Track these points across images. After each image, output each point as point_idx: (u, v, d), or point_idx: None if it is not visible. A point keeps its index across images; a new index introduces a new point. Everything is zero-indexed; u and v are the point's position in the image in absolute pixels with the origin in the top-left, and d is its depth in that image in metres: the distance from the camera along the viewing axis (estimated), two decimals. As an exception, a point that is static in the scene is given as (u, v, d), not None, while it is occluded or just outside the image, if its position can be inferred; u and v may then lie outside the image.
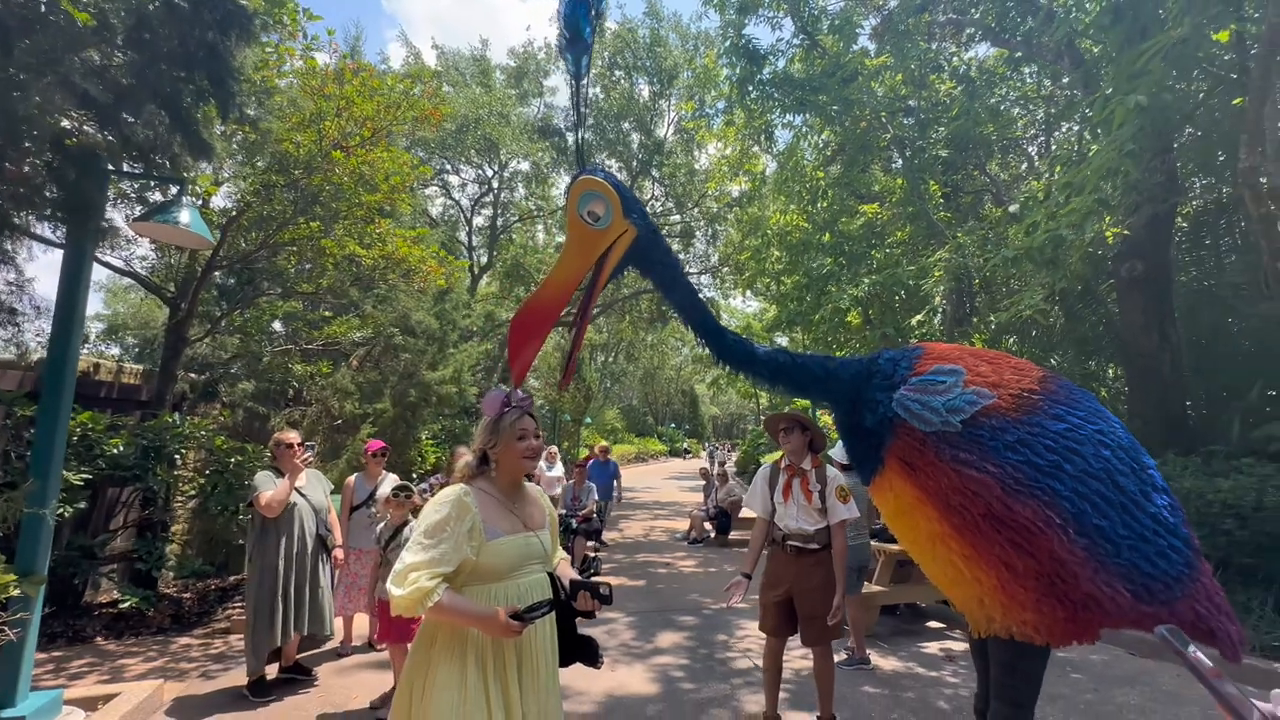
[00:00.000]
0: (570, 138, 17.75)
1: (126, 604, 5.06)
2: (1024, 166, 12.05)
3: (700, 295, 2.37)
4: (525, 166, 18.83)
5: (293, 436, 3.96)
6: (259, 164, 6.41)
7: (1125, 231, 6.00)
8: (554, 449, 10.10)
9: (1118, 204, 4.52)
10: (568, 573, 1.94)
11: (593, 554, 8.00)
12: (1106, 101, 4.20)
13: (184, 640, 4.99)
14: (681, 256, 20.62)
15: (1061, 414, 1.90)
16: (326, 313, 9.36)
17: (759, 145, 13.04)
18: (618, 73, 16.79)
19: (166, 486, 5.65)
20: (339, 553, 4.31)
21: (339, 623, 4.63)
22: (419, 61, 16.63)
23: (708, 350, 2.27)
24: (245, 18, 3.10)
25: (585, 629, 1.93)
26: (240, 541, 5.84)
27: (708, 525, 10.52)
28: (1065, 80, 9.60)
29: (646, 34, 16.56)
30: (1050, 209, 4.64)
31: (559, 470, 9.67)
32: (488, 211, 20.29)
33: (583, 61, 2.09)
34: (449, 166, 17.81)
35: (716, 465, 15.47)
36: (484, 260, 19.77)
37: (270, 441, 4.01)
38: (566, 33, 2.08)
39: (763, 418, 27.38)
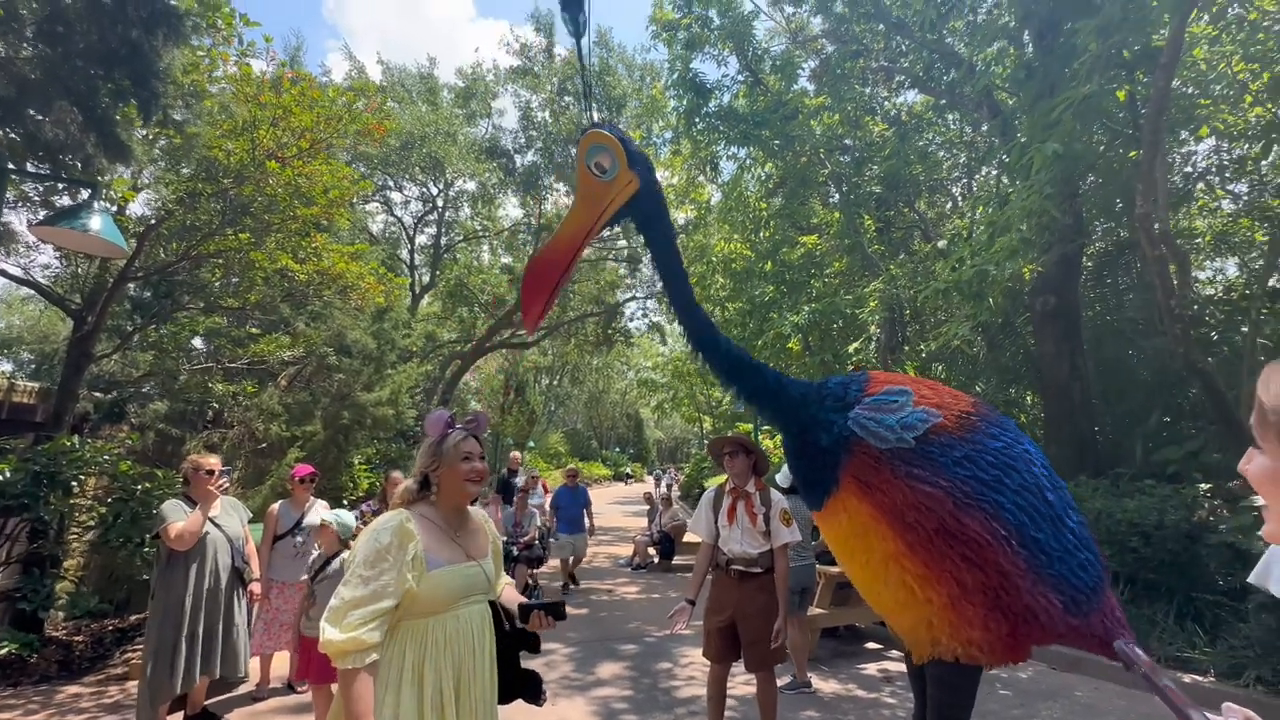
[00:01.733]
0: (518, 159, 17.72)
1: (4, 650, 4.52)
2: (949, 205, 12.88)
3: (661, 309, 2.39)
4: (471, 186, 18.62)
5: (210, 461, 3.68)
6: (185, 171, 6.06)
7: (1040, 269, 6.47)
8: (537, 474, 8.95)
9: (1035, 243, 4.87)
10: (515, 599, 1.86)
11: (534, 582, 7.77)
12: (1023, 149, 4.57)
13: (73, 689, 4.48)
14: (627, 280, 20.82)
15: (996, 434, 2.00)
16: (253, 329, 8.85)
17: (704, 175, 13.43)
18: (567, 98, 16.95)
19: (60, 516, 5.13)
20: (256, 586, 3.99)
21: (255, 663, 4.27)
22: (363, 76, 16.28)
23: (678, 323, 2.21)
24: (175, 17, 2.95)
25: (527, 662, 1.85)
26: (144, 577, 5.34)
27: (651, 550, 10.43)
28: (984, 128, 10.38)
29: (596, 62, 16.83)
30: (974, 246, 4.98)
31: (540, 498, 8.46)
32: (431, 230, 19.88)
33: (580, 20, 2.23)
34: (391, 183, 17.39)
35: (663, 489, 15.43)
36: (426, 279, 19.31)
37: (183, 466, 3.71)
38: None
39: (707, 442, 27.63)
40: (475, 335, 19.85)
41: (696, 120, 10.36)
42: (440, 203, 18.48)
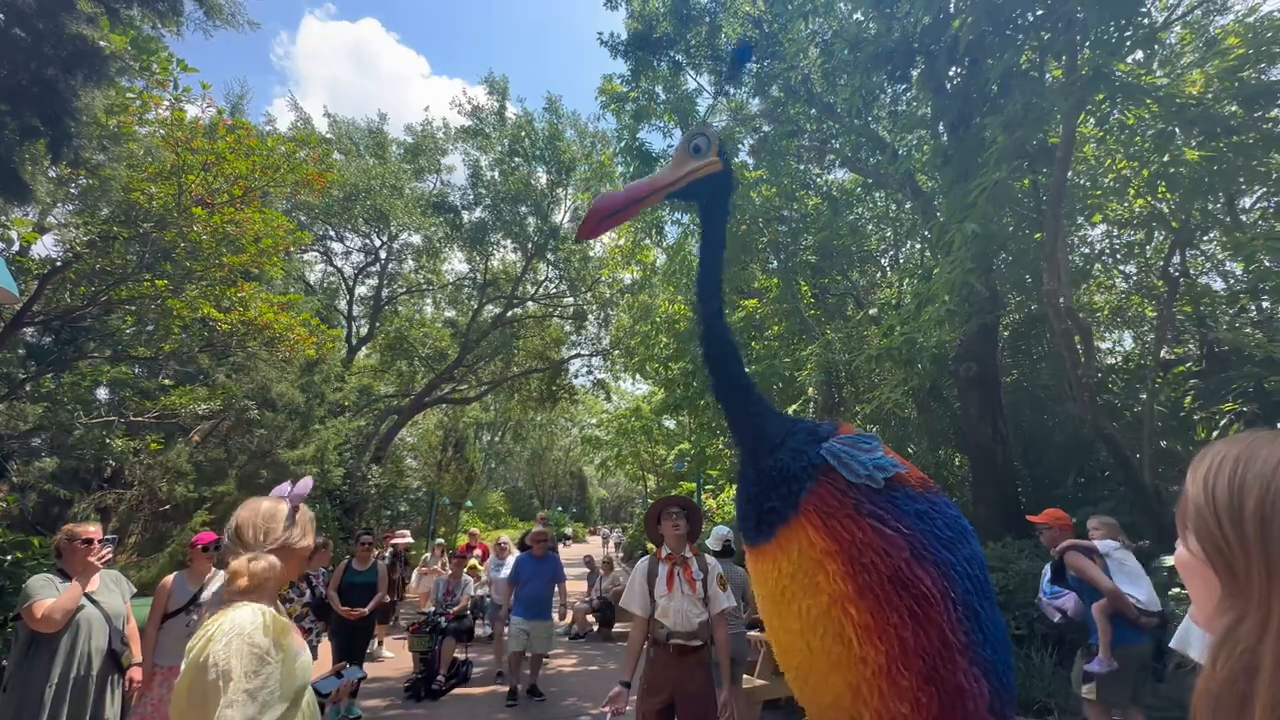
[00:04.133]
0: (466, 215, 17.79)
1: None
2: (879, 275, 13.66)
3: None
4: (416, 239, 18.47)
5: (87, 529, 3.28)
6: (104, 212, 5.73)
7: (960, 338, 6.86)
8: (506, 539, 7.50)
9: (958, 313, 5.18)
10: None
11: (463, 656, 7.23)
12: (944, 228, 4.94)
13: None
14: (573, 338, 20.83)
15: (948, 502, 2.05)
16: (167, 380, 8.26)
17: (650, 239, 13.82)
18: (516, 159, 17.30)
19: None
20: (136, 672, 3.52)
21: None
22: (308, 126, 16.14)
23: (698, 305, 2.46)
24: (98, 59, 2.83)
25: None
26: (3, 662, 4.65)
27: (590, 618, 9.99)
28: (908, 206, 11.21)
29: (545, 127, 17.36)
30: (903, 315, 5.27)
31: (500, 569, 7.08)
32: (372, 281, 19.45)
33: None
34: (333, 233, 17.05)
35: (611, 548, 14.99)
36: (365, 331, 18.72)
37: (57, 537, 3.30)
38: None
39: (649, 501, 27.21)
40: (414, 389, 19.22)
41: (642, 186, 10.72)
42: (383, 254, 18.19)
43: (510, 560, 6.65)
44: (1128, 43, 4.81)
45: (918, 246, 12.92)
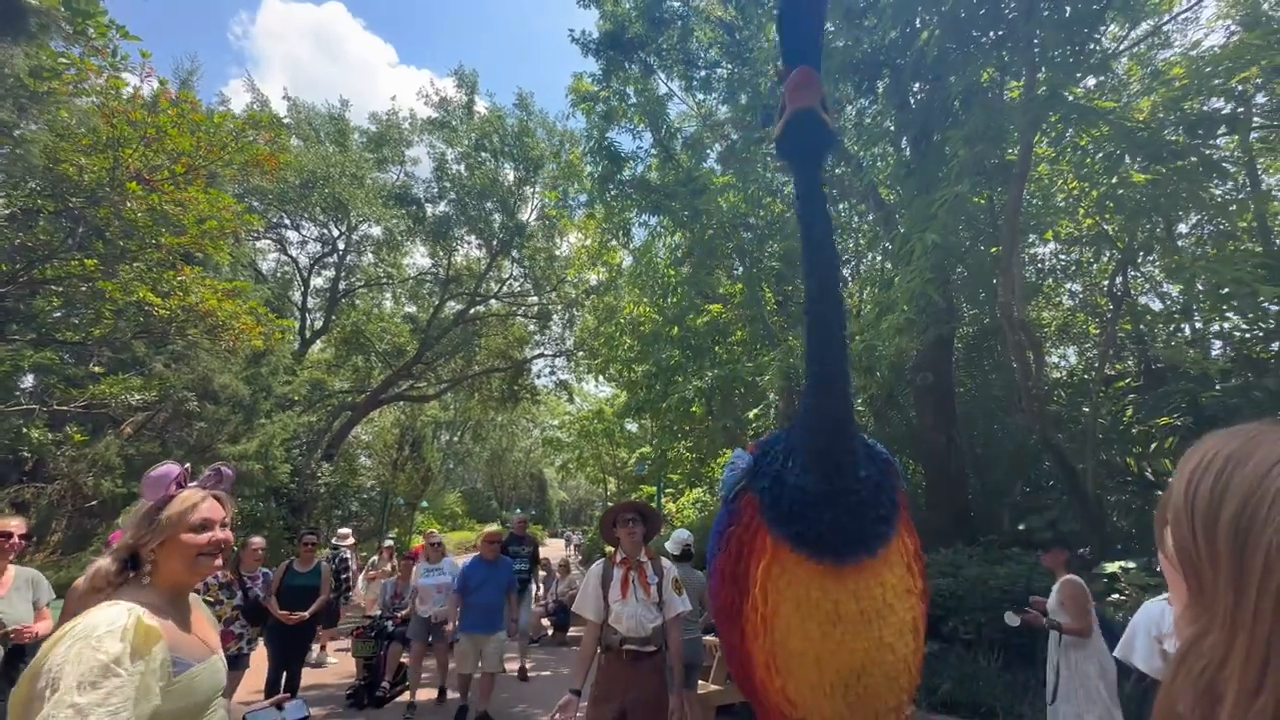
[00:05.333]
0: (430, 208, 17.41)
1: None
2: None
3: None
4: (377, 231, 17.96)
5: (9, 524, 3.02)
6: (31, 185, 5.33)
7: (918, 348, 7.00)
8: (439, 537, 6.31)
9: (917, 323, 5.28)
10: (236, 710, 1.58)
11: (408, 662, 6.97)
12: (905, 239, 5.02)
13: None
14: (537, 338, 20.58)
15: None
16: (97, 368, 7.75)
17: (617, 240, 13.75)
18: (484, 154, 17.01)
19: None
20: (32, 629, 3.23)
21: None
22: (265, 109, 15.53)
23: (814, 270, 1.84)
24: (16, 13, 2.59)
25: None
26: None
27: (545, 622, 9.81)
28: (870, 218, 11.45)
29: (515, 123, 17.13)
30: (863, 323, 5.34)
31: (448, 572, 5.84)
32: (329, 273, 18.82)
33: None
34: (288, 220, 16.41)
35: (571, 551, 14.85)
36: (319, 324, 18.10)
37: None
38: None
39: (609, 504, 27.09)
40: (370, 385, 18.66)
41: (610, 186, 10.66)
42: (341, 245, 17.63)
43: (446, 564, 5.85)
44: (1083, 66, 4.98)
45: (878, 258, 13.23)
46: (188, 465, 1.44)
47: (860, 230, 12.31)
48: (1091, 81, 7.09)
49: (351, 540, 7.71)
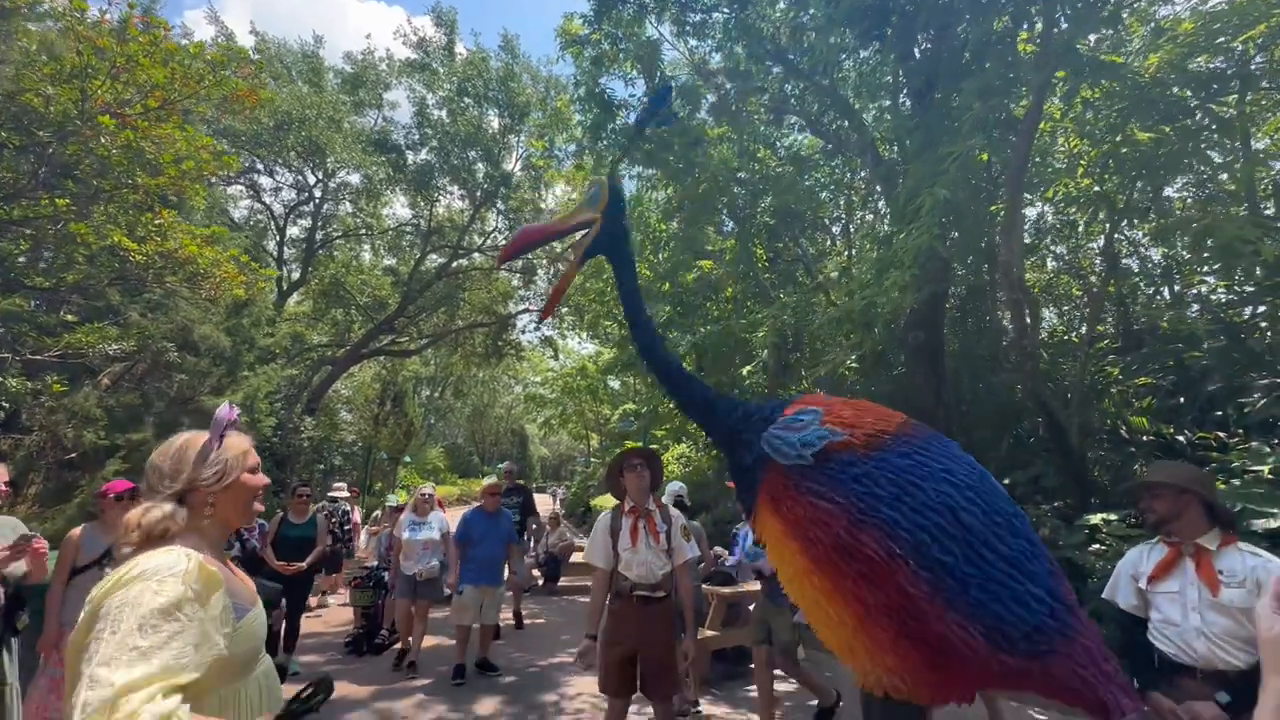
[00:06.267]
0: (410, 156, 16.73)
1: None
2: (828, 244, 13.83)
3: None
4: (355, 179, 17.29)
5: None
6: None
7: (913, 305, 7.02)
8: (429, 491, 5.94)
9: (921, 279, 5.27)
10: None
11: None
12: (911, 194, 4.95)
13: None
14: (522, 294, 20.28)
15: (908, 452, 2.00)
16: (70, 316, 7.43)
17: (624, 153, 13.38)
18: (466, 100, 16.31)
19: None
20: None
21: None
22: (231, 44, 14.63)
23: (635, 342, 2.62)
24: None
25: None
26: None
27: (536, 573, 9.99)
28: (863, 174, 11.31)
29: (499, 67, 16.40)
30: (863, 280, 5.32)
31: (436, 527, 5.64)
32: (305, 222, 18.16)
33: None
34: (261, 165, 15.69)
35: (557, 506, 15.07)
36: (296, 276, 17.55)
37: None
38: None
39: (593, 460, 27.35)
40: (350, 340, 18.30)
41: (602, 135, 10.33)
42: (318, 193, 16.96)
43: (434, 519, 5.68)
44: (1096, 18, 4.86)
45: (869, 217, 13.15)
46: (236, 409, 1.38)
47: (853, 187, 12.18)
48: (1093, 38, 6.97)
49: (347, 493, 7.69)
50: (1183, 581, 2.11)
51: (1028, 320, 5.59)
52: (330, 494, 7.45)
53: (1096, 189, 7.05)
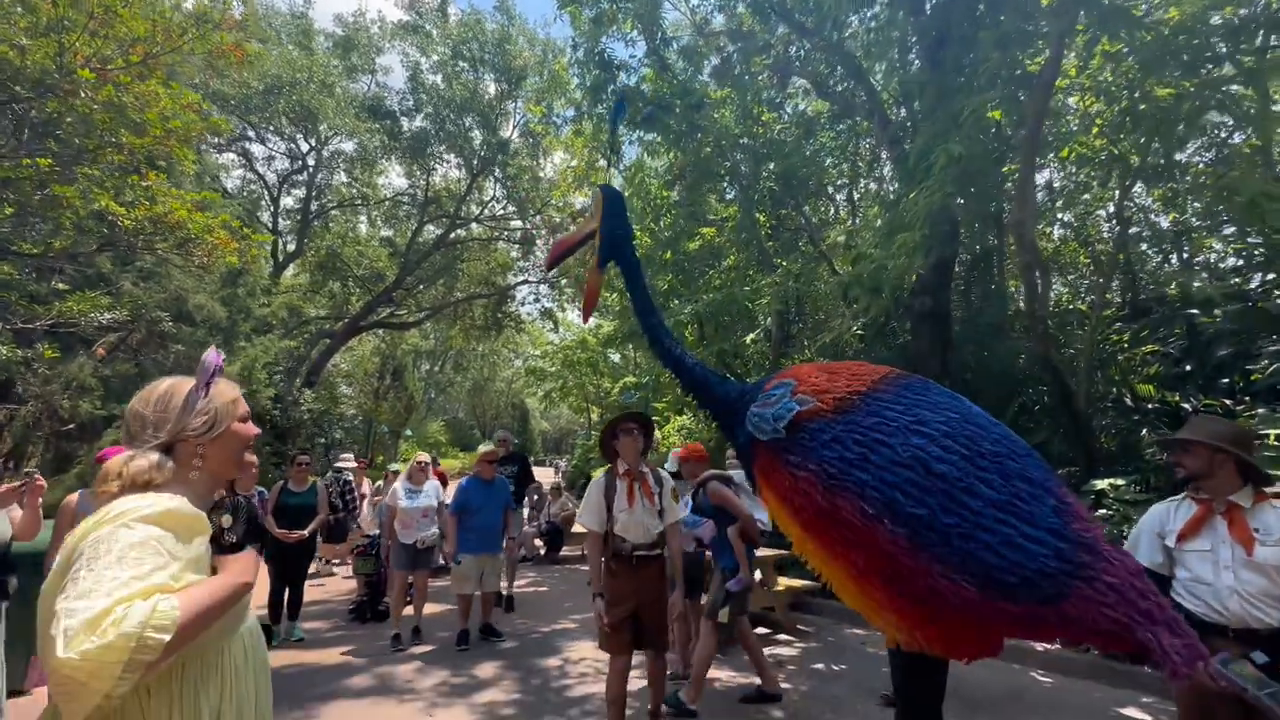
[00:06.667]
0: (405, 123, 16.35)
1: None
2: (830, 213, 13.59)
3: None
4: (349, 147, 16.94)
5: None
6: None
7: (921, 270, 6.88)
8: (424, 457, 5.71)
9: (932, 240, 5.12)
10: None
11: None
12: (923, 153, 4.77)
13: None
14: (520, 265, 20.04)
15: (877, 409, 1.98)
16: (61, 284, 7.28)
17: (607, 160, 13.11)
18: (461, 64, 15.86)
19: None
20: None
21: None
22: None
23: (641, 327, 2.75)
24: None
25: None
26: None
27: (538, 542, 10.04)
28: (869, 139, 11.04)
29: (495, 29, 15.92)
30: (873, 241, 5.17)
31: (433, 496, 5.49)
32: (300, 192, 17.84)
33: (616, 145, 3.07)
34: (252, 132, 15.34)
35: (559, 478, 15.15)
36: (292, 248, 17.31)
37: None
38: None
39: (594, 433, 27.37)
40: (348, 312, 18.15)
41: (603, 97, 10.03)
42: (311, 162, 16.62)
43: (429, 487, 5.50)
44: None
45: (873, 187, 12.88)
46: (222, 354, 1.28)
47: (859, 154, 11.90)
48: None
49: (354, 464, 7.66)
50: (1214, 539, 2.04)
51: (1039, 285, 5.46)
52: (337, 465, 7.42)
53: (1113, 150, 6.85)
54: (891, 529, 1.79)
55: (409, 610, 5.37)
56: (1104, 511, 5.15)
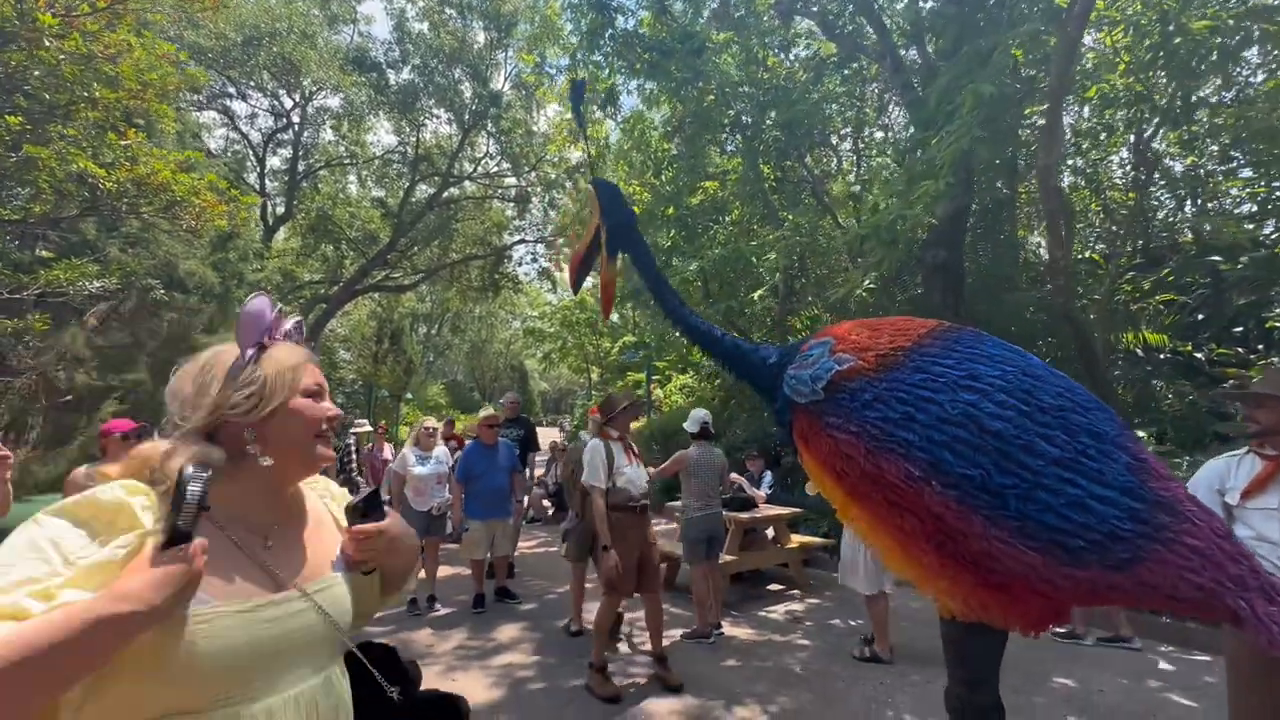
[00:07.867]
0: (392, 76, 15.68)
1: None
2: (834, 165, 13.18)
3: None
4: (335, 103, 16.28)
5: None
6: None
7: (934, 221, 6.66)
8: (431, 423, 5.58)
9: (956, 187, 4.90)
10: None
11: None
12: (945, 93, 4.50)
13: None
14: (516, 224, 19.60)
15: (924, 365, 1.84)
16: (46, 252, 7.03)
17: (602, 111, 12.62)
18: (448, 10, 15.10)
19: None
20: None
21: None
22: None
23: (664, 311, 2.65)
24: None
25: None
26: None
27: (546, 503, 10.09)
28: (875, 85, 10.59)
29: (482, -27, 15.11)
30: (890, 190, 4.95)
31: (443, 461, 5.36)
32: (286, 152, 17.26)
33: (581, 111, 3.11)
34: (233, 89, 14.69)
35: (562, 437, 15.21)
36: (281, 210, 16.84)
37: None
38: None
39: (594, 394, 27.41)
40: (343, 276, 17.82)
41: (600, 42, 9.54)
42: (296, 119, 16.00)
43: (438, 453, 5.36)
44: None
45: (879, 135, 12.45)
46: (280, 305, 0.99)
47: (865, 100, 11.45)
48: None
49: (369, 428, 7.58)
50: (1283, 497, 1.94)
51: (1063, 232, 5.26)
52: (352, 430, 7.33)
53: (1139, 89, 6.54)
54: (941, 490, 1.67)
55: (422, 575, 5.34)
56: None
